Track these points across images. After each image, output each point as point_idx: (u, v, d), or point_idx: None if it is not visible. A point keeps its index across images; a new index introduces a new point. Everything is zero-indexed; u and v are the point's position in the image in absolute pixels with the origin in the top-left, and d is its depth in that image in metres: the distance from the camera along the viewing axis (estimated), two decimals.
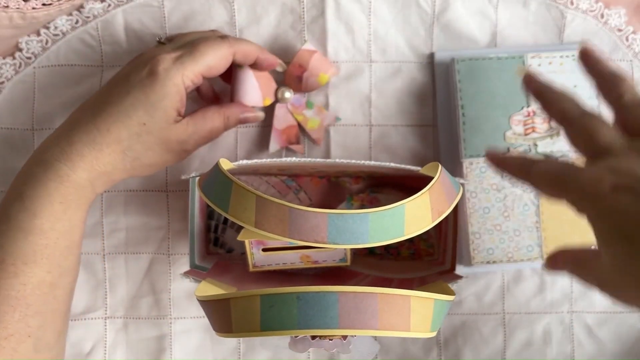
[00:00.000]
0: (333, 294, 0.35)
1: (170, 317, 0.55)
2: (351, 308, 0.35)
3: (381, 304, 0.36)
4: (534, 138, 0.54)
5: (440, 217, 0.40)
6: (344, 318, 0.35)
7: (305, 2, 0.55)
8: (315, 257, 0.47)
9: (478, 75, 0.54)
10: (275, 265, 0.47)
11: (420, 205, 0.39)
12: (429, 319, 0.37)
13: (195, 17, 0.55)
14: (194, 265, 0.49)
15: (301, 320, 0.35)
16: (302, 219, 0.37)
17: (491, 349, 0.56)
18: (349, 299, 0.35)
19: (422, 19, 0.56)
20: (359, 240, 0.37)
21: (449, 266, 0.50)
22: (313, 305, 0.35)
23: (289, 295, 0.35)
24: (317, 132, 0.55)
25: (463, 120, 0.54)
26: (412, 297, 0.36)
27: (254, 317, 0.36)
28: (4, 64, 0.55)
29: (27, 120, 0.55)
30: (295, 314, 0.35)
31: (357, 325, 0.35)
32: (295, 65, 0.53)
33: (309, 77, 0.53)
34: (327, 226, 0.37)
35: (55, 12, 0.55)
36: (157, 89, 0.46)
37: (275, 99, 0.54)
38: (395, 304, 0.36)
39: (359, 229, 0.37)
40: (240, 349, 0.56)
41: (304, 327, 0.35)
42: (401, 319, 0.36)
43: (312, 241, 0.37)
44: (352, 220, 0.37)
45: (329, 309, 0.35)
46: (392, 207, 0.37)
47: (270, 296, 0.36)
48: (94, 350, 0.55)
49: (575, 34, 0.56)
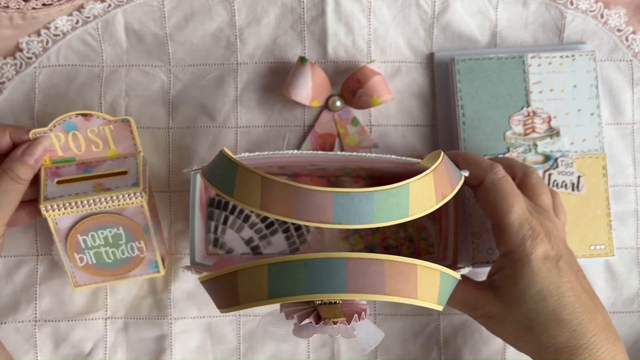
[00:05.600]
0: (341, 260, 0.35)
1: (170, 317, 0.55)
2: (359, 273, 0.35)
3: (388, 270, 0.36)
4: (533, 138, 0.54)
5: (443, 200, 0.40)
6: (352, 283, 0.35)
7: (305, 2, 0.56)
8: (107, 184, 0.48)
9: (478, 75, 0.54)
10: (68, 197, 0.47)
11: (424, 185, 0.38)
12: (435, 290, 0.37)
13: (195, 17, 0.55)
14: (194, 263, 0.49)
15: (309, 286, 0.35)
16: (307, 199, 0.36)
17: (491, 349, 0.56)
18: (356, 264, 0.35)
19: (422, 19, 0.56)
20: (364, 219, 0.37)
21: (450, 262, 0.50)
22: (320, 270, 0.35)
23: (296, 262, 0.35)
24: (352, 150, 0.55)
25: (463, 120, 0.54)
26: (419, 265, 0.36)
27: (262, 286, 0.36)
28: (4, 64, 0.55)
29: (28, 120, 0.55)
30: (303, 280, 0.35)
31: (365, 289, 0.35)
32: (354, 79, 0.54)
33: (362, 95, 0.53)
34: (333, 205, 0.36)
35: (55, 12, 0.55)
36: None
37: (325, 104, 0.55)
38: (402, 271, 0.36)
39: (364, 208, 0.37)
40: (240, 349, 0.56)
41: (312, 292, 0.35)
42: (408, 286, 0.36)
43: (317, 221, 0.36)
44: (357, 199, 0.36)
45: (336, 274, 0.35)
46: (396, 186, 0.37)
47: (278, 264, 0.36)
48: (94, 351, 0.55)
49: (575, 34, 0.57)
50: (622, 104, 0.56)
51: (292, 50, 0.56)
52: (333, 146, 0.55)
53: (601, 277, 0.56)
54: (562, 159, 0.54)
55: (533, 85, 0.54)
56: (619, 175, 0.56)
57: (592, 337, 0.44)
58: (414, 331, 0.56)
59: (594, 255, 0.54)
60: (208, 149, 0.55)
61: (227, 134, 0.56)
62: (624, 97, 0.56)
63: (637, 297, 0.56)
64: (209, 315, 0.55)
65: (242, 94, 0.56)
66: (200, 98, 0.56)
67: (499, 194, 0.46)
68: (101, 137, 0.51)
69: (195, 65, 0.56)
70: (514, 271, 0.45)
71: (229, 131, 0.56)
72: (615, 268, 0.56)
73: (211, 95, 0.55)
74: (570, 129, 0.54)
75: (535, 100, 0.54)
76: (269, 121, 0.56)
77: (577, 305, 0.44)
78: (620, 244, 0.56)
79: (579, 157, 0.54)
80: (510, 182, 0.47)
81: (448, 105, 0.55)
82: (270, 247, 0.55)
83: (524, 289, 0.44)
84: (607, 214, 0.54)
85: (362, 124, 0.56)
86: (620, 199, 0.56)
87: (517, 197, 0.46)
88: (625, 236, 0.56)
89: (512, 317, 0.45)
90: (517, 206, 0.45)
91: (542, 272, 0.44)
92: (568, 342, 0.44)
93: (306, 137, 0.55)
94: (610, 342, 0.45)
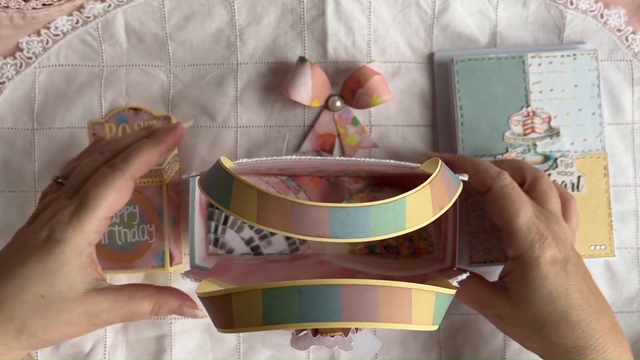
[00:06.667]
0: (334, 287, 0.35)
1: (170, 317, 0.55)
2: (353, 300, 0.35)
3: (382, 297, 0.36)
4: (533, 138, 0.54)
5: (441, 211, 0.40)
6: (346, 310, 0.35)
7: (305, 2, 0.56)
8: None
9: (477, 75, 0.54)
10: None
11: (421, 198, 0.39)
12: (430, 311, 0.37)
13: (195, 17, 0.55)
14: (194, 265, 0.49)
15: (303, 314, 0.35)
16: (303, 214, 0.36)
17: (491, 349, 0.56)
18: (350, 291, 0.35)
19: (422, 19, 0.56)
20: (361, 234, 0.37)
21: (449, 263, 0.50)
22: (315, 298, 0.35)
23: (290, 289, 0.35)
24: (352, 150, 0.55)
25: (462, 120, 0.54)
26: (414, 289, 0.36)
27: (256, 312, 0.36)
28: (4, 64, 0.55)
29: (28, 120, 0.55)
30: (297, 307, 0.35)
31: (359, 317, 0.35)
32: (354, 79, 0.54)
33: (362, 95, 0.53)
34: (329, 220, 0.36)
35: (55, 12, 0.55)
36: (56, 256, 0.42)
37: (325, 104, 0.55)
38: (396, 296, 0.36)
39: (360, 223, 0.37)
40: (240, 349, 0.56)
41: (306, 320, 0.35)
42: (403, 311, 0.36)
43: (314, 235, 0.36)
44: (354, 214, 0.36)
45: (330, 302, 0.35)
46: (393, 200, 0.37)
47: (272, 290, 0.36)
48: (94, 351, 0.55)
49: (575, 34, 0.56)
50: (622, 104, 0.56)
51: (292, 50, 0.56)
52: (333, 146, 0.55)
53: (601, 277, 0.56)
54: (561, 159, 0.54)
55: (533, 85, 0.54)
56: (619, 175, 0.56)
57: (599, 337, 0.45)
58: (414, 331, 0.56)
59: (594, 255, 0.54)
60: (208, 149, 0.55)
61: (227, 133, 0.56)
62: (624, 97, 0.56)
63: (637, 297, 0.56)
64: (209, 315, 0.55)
65: (242, 94, 0.56)
66: (200, 98, 0.56)
67: (506, 200, 0.47)
68: None
69: (195, 65, 0.56)
70: (523, 274, 0.46)
71: (229, 131, 0.56)
72: (615, 268, 0.56)
73: (211, 95, 0.56)
74: (571, 128, 0.54)
75: (535, 100, 0.54)
76: (269, 121, 0.56)
77: (585, 306, 0.45)
78: (621, 244, 0.56)
79: (580, 157, 0.54)
80: (517, 188, 0.47)
81: (448, 106, 0.55)
82: (271, 247, 0.55)
83: (533, 291, 0.45)
84: (607, 214, 0.54)
85: (362, 124, 0.56)
86: (621, 199, 0.56)
87: (524, 202, 0.47)
88: (626, 236, 0.56)
89: (521, 318, 0.46)
90: (524, 211, 0.46)
91: (550, 275, 0.45)
92: (576, 342, 0.44)
93: (306, 137, 0.55)
94: (617, 342, 0.45)
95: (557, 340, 0.45)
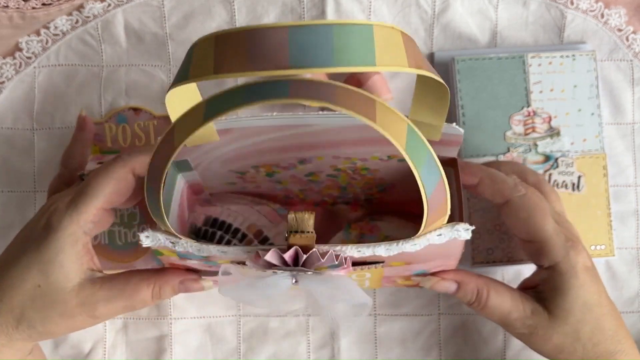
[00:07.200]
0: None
1: (170, 317, 0.55)
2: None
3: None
4: (533, 138, 0.54)
5: (418, 71, 0.35)
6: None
7: (305, 2, 0.56)
8: None
9: (478, 75, 0.54)
10: None
11: (391, 35, 0.35)
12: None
13: (195, 17, 0.55)
14: None
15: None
16: (261, 40, 0.33)
17: (491, 349, 0.56)
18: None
19: (422, 18, 0.56)
20: (324, 61, 0.33)
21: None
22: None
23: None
24: None
25: (463, 120, 0.54)
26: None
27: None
28: (4, 64, 0.55)
29: (27, 120, 0.55)
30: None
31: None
32: (354, 78, 0.53)
33: None
34: (288, 43, 0.33)
35: (55, 12, 0.55)
36: (51, 243, 0.41)
37: None
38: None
39: (322, 45, 0.33)
40: (240, 349, 0.56)
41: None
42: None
43: (273, 68, 0.33)
44: (315, 33, 0.33)
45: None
46: (358, 23, 0.34)
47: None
48: (94, 351, 0.55)
49: (575, 34, 0.57)
50: (623, 104, 0.56)
51: None
52: None
53: (602, 277, 0.55)
54: (562, 159, 0.54)
55: (533, 85, 0.54)
56: (619, 175, 0.56)
57: (623, 341, 0.45)
58: (414, 331, 0.56)
59: (594, 255, 0.54)
60: None
61: None
62: (624, 97, 0.56)
63: (638, 297, 0.56)
64: (208, 315, 0.55)
65: None
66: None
67: (531, 211, 0.45)
68: (145, 132, 0.54)
69: None
70: (562, 283, 0.45)
71: None
72: (615, 268, 0.56)
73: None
74: (571, 129, 0.54)
75: (536, 100, 0.54)
76: None
77: (612, 312, 0.46)
78: (621, 244, 0.56)
79: (579, 157, 0.54)
80: (536, 195, 0.46)
81: (449, 105, 0.55)
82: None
83: (572, 301, 0.45)
84: (607, 214, 0.54)
85: None
86: (621, 199, 0.56)
87: (547, 209, 0.46)
88: (626, 236, 0.56)
89: (560, 329, 0.45)
90: (549, 219, 0.45)
91: (586, 283, 0.45)
92: (607, 348, 0.45)
93: None
94: (632, 345, 0.46)
95: (592, 349, 0.45)
